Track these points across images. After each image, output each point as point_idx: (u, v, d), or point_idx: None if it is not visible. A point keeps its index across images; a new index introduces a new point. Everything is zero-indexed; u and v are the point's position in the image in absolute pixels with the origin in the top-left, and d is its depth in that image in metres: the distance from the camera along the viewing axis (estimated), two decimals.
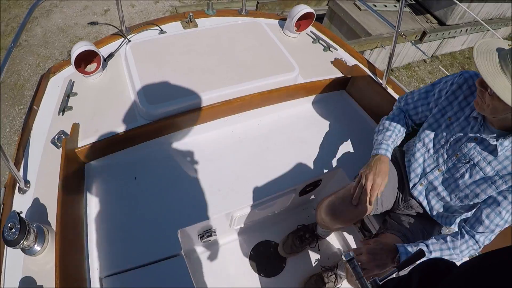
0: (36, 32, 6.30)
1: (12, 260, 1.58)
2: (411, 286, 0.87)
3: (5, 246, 1.59)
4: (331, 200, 1.82)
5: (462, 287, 0.75)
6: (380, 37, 6.00)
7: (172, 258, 1.72)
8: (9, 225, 1.42)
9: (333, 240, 2.54)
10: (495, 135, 1.47)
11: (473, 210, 1.58)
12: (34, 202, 1.74)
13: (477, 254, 1.57)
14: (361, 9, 6.49)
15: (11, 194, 1.77)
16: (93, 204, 1.84)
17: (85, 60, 2.16)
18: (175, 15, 2.70)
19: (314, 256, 2.46)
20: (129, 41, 2.38)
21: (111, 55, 2.36)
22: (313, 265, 2.43)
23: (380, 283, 1.13)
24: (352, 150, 2.25)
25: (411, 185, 1.80)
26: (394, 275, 1.20)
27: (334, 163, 2.17)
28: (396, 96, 2.28)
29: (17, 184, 1.76)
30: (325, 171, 2.13)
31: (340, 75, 2.49)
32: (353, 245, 2.40)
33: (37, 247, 1.54)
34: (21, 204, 1.71)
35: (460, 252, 1.53)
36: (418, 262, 1.20)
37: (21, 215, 1.46)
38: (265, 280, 2.34)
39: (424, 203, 1.77)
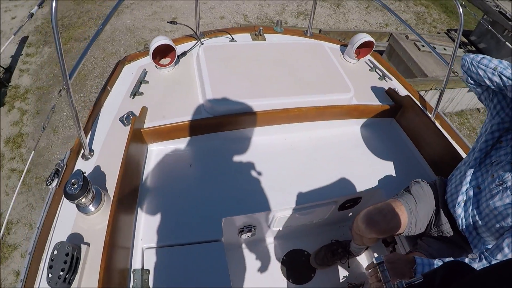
0: (105, 29, 6.73)
1: (64, 216, 1.75)
2: (435, 283, 0.95)
3: (62, 200, 1.79)
4: (369, 209, 1.96)
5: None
6: (436, 79, 6.08)
7: (212, 242, 1.87)
8: (73, 180, 1.57)
9: (363, 260, 2.64)
10: None
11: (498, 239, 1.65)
12: (95, 168, 1.94)
13: None
14: (420, 50, 6.61)
15: (75, 158, 1.98)
16: (148, 182, 2.04)
17: (160, 53, 2.42)
18: (246, 27, 2.95)
19: (342, 272, 2.57)
20: (202, 43, 2.63)
21: (183, 53, 2.62)
22: (341, 280, 2.53)
23: (405, 285, 1.19)
24: (393, 174, 2.38)
25: (454, 201, 1.88)
26: None
27: (375, 183, 2.30)
28: (444, 131, 2.40)
29: (82, 151, 1.98)
30: (366, 189, 2.26)
31: (392, 104, 2.65)
32: None
33: (92, 207, 1.70)
34: (82, 169, 1.83)
35: None
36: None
37: (84, 174, 1.62)
38: (293, 286, 2.46)
39: (459, 221, 1.85)
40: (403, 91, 2.80)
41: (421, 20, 8.80)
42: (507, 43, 6.81)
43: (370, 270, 1.65)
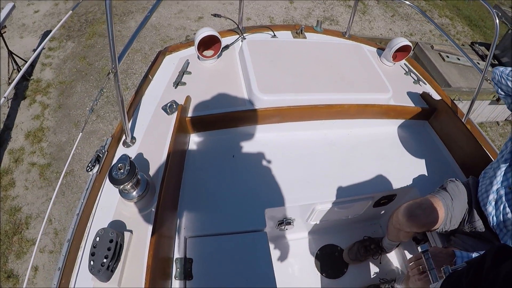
0: (130, 25, 6.86)
1: (106, 203, 1.78)
2: (485, 265, 0.98)
3: (103, 185, 1.84)
4: (409, 203, 2.08)
5: None
6: (459, 89, 6.19)
7: (256, 232, 1.95)
8: (119, 165, 1.57)
9: (394, 257, 2.75)
10: None
11: None
12: (137, 156, 1.99)
13: None
14: (445, 60, 6.72)
15: (116, 145, 2.03)
16: (191, 171, 2.11)
17: (204, 45, 2.53)
18: (287, 25, 3.08)
19: (374, 268, 2.68)
20: (244, 38, 2.76)
21: (226, 47, 2.74)
22: (372, 276, 2.64)
23: (451, 271, 1.26)
24: (426, 174, 2.49)
25: (485, 200, 2.01)
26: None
27: (410, 182, 2.41)
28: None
29: (123, 138, 2.04)
30: (401, 187, 2.38)
31: (426, 107, 2.77)
32: None
33: (135, 194, 1.69)
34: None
35: None
36: None
37: (131, 159, 1.62)
38: (326, 280, 2.57)
39: (490, 218, 1.97)
40: (436, 96, 2.92)
41: (445, 31, 8.86)
42: None
43: (411, 263, 1.76)
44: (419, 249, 1.59)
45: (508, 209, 1.89)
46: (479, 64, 7.12)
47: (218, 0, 7.72)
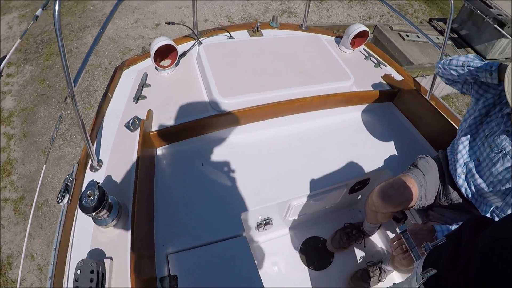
0: (87, 41, 6.75)
1: (81, 232, 1.73)
2: (462, 236, 1.02)
3: (76, 215, 1.78)
4: (382, 185, 2.13)
5: (499, 232, 0.87)
6: (422, 66, 6.32)
7: (235, 238, 1.95)
8: (88, 192, 1.52)
9: (377, 239, 2.81)
10: None
11: (506, 197, 1.85)
12: (106, 179, 1.94)
13: None
14: (405, 39, 6.85)
15: (83, 171, 1.96)
16: (161, 186, 2.08)
17: (160, 55, 2.49)
18: (243, 24, 3.07)
19: (359, 253, 2.73)
20: (201, 43, 2.74)
21: (183, 54, 2.71)
22: (359, 261, 2.69)
23: (432, 247, 1.29)
24: (397, 154, 2.55)
25: (454, 173, 2.09)
26: None
27: (381, 164, 2.47)
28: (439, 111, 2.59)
29: (89, 162, 1.98)
30: (373, 170, 2.43)
31: (389, 89, 2.83)
32: None
33: (109, 219, 1.66)
34: None
35: None
36: None
37: (99, 184, 1.57)
38: (314, 273, 2.60)
39: (463, 190, 2.05)
40: (398, 77, 2.98)
41: (403, 11, 9.04)
42: (488, 29, 7.10)
43: (394, 243, 1.80)
44: (398, 230, 1.62)
45: (479, 180, 1.96)
46: (438, 39, 7.28)
47: (175, 3, 7.67)
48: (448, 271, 0.98)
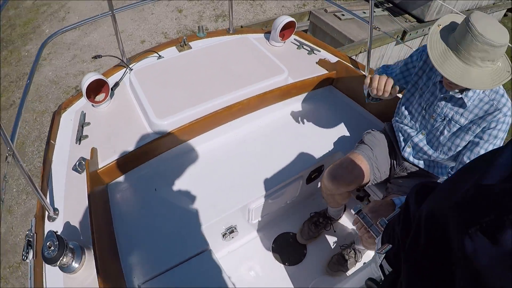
0: (29, 89, 6.55)
1: (52, 284, 1.72)
2: (410, 205, 1.00)
3: (44, 268, 1.76)
4: (330, 167, 2.16)
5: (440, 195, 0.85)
6: (363, 42, 6.42)
7: (201, 254, 1.97)
8: (48, 243, 1.53)
9: (346, 221, 2.84)
10: (458, 90, 1.78)
11: (459, 157, 1.89)
12: (65, 226, 1.92)
13: None
14: (341, 19, 6.95)
15: (42, 223, 1.94)
16: (120, 219, 2.07)
17: (94, 91, 2.45)
18: (170, 41, 3.06)
19: (331, 239, 2.75)
20: (131, 69, 2.71)
21: (116, 84, 2.67)
22: (332, 247, 2.71)
23: (387, 222, 1.29)
24: (347, 134, 2.59)
25: (401, 150, 2.14)
26: None
27: (332, 147, 2.50)
28: None
29: (46, 213, 1.95)
30: (325, 155, 2.45)
31: (326, 72, 2.86)
32: None
33: (75, 264, 1.66)
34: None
35: None
36: None
37: (57, 233, 1.59)
38: (291, 268, 2.61)
39: (416, 162, 2.10)
40: (334, 59, 3.01)
41: None
42: None
43: (357, 224, 1.81)
44: (352, 211, 1.63)
45: (430, 151, 2.01)
46: (375, 12, 7.39)
47: (109, 31, 7.56)
48: (403, 242, 0.97)
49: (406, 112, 2.10)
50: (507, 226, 0.57)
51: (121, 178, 2.27)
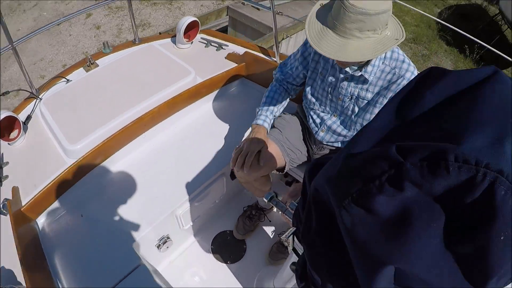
0: None
1: None
2: (305, 186, 1.00)
3: None
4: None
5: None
6: (284, 28, 6.52)
7: (135, 271, 1.92)
8: None
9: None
10: (357, 67, 1.81)
11: None
12: (2, 271, 1.85)
13: None
14: (260, 9, 7.01)
15: None
16: (53, 252, 2.00)
17: (7, 129, 2.37)
18: (76, 63, 2.97)
19: (268, 229, 2.77)
20: (41, 99, 2.62)
21: (28, 117, 2.57)
22: (271, 236, 2.73)
23: (296, 204, 1.32)
24: None
25: (315, 134, 2.16)
26: None
27: None
28: None
29: None
30: None
31: (235, 65, 2.88)
32: None
33: None
34: None
35: None
36: None
37: None
38: (234, 266, 2.61)
39: (331, 144, 2.14)
40: (242, 51, 3.03)
41: None
42: None
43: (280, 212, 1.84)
44: (264, 199, 1.64)
45: (344, 131, 2.04)
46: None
47: (30, 60, 7.31)
48: (303, 224, 0.95)
49: (313, 99, 2.11)
50: (374, 193, 0.58)
51: (47, 211, 2.19)
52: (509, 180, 0.51)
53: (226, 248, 2.69)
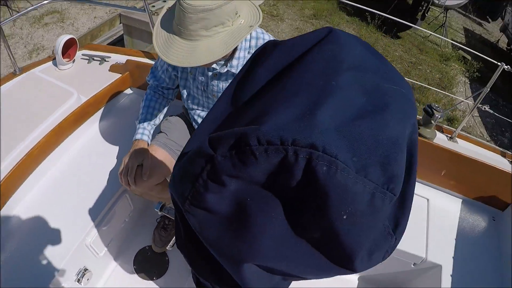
0: None
1: None
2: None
3: None
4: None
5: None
6: None
7: None
8: None
9: None
10: (222, 62, 1.82)
11: None
12: None
13: None
14: (153, 11, 6.95)
15: None
16: None
17: None
18: None
19: None
20: None
21: None
22: None
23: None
24: None
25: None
26: None
27: None
28: None
29: None
30: None
31: (120, 75, 2.83)
32: None
33: None
34: None
35: None
36: None
37: None
38: (161, 280, 2.56)
39: None
40: (123, 58, 2.99)
41: None
42: None
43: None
44: (156, 210, 1.62)
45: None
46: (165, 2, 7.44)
47: None
48: (176, 233, 0.91)
49: (190, 98, 2.10)
50: (202, 192, 0.55)
51: None
52: (328, 153, 0.47)
53: (149, 264, 2.63)
